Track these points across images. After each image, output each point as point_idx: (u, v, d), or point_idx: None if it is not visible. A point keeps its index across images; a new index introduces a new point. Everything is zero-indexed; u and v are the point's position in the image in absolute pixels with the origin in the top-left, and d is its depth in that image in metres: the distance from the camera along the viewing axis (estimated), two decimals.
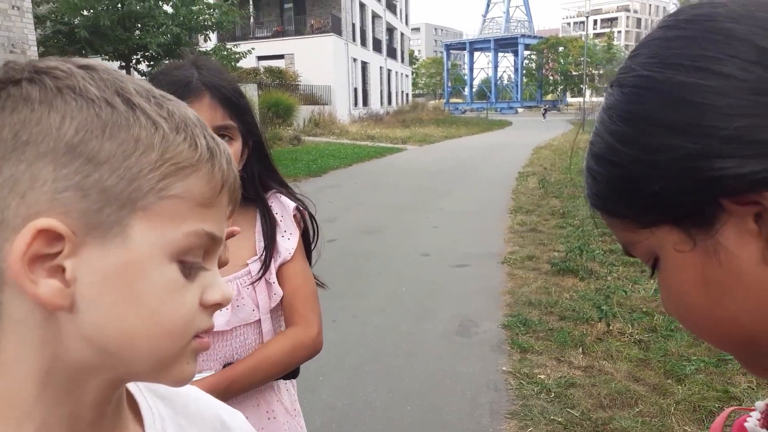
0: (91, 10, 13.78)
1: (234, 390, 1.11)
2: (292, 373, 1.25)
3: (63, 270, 0.41)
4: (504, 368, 3.51)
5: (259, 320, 1.19)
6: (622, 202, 0.46)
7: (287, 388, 1.29)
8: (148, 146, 0.42)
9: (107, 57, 14.72)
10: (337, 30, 29.62)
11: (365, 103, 35.07)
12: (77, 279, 0.41)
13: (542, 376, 3.36)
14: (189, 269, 0.45)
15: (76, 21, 13.73)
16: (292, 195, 1.27)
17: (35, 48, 9.65)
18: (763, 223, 0.39)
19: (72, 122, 0.41)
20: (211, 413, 0.61)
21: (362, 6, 34.17)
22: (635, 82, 0.44)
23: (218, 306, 0.47)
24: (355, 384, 3.36)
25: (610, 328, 3.92)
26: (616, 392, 3.12)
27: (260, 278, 1.17)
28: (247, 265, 1.18)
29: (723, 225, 0.40)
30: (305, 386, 3.32)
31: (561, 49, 67.24)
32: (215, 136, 0.47)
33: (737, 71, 0.39)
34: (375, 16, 37.18)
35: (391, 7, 41.28)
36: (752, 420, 0.48)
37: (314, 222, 1.29)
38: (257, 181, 1.22)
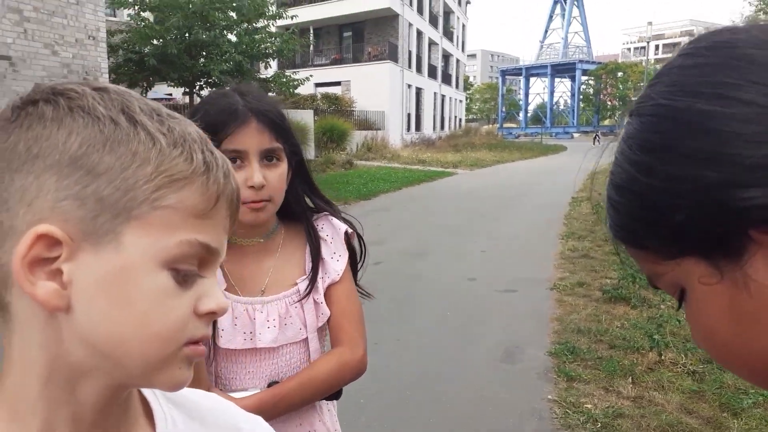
0: (161, 40, 14.50)
1: (281, 407, 1.13)
2: (335, 394, 1.25)
3: (61, 273, 0.44)
4: (549, 396, 3.42)
5: (306, 339, 1.21)
6: (644, 233, 0.45)
7: (329, 408, 1.30)
8: (145, 159, 0.45)
9: (173, 83, 15.41)
10: (393, 57, 30.07)
11: (418, 128, 35.29)
12: (73, 282, 0.44)
13: (589, 406, 3.26)
14: (183, 277, 0.47)
15: (146, 50, 14.46)
16: (339, 216, 1.30)
17: (107, 75, 10.24)
18: None
19: (77, 137, 0.44)
20: (227, 421, 0.62)
21: (419, 34, 34.61)
22: (654, 111, 0.43)
23: (213, 315, 0.49)
24: (396, 408, 3.35)
25: (662, 357, 3.78)
26: (667, 424, 2.99)
27: (307, 296, 1.20)
28: (296, 284, 1.21)
29: (752, 256, 0.39)
30: (346, 408, 3.32)
31: (620, 74, 65.94)
32: (215, 151, 0.50)
33: (760, 98, 0.38)
34: (432, 43, 37.57)
35: (448, 34, 41.63)
36: None
37: (362, 243, 1.32)
38: (302, 200, 1.26)
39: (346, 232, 1.27)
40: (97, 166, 0.44)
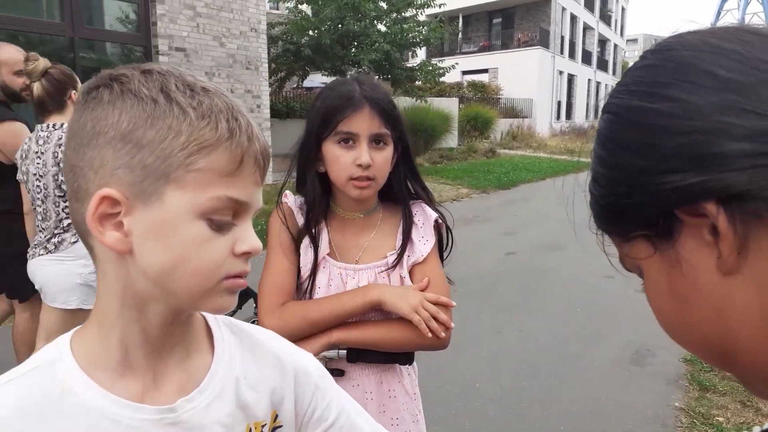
0: (316, 31, 15.30)
1: (354, 332, 1.27)
2: (407, 358, 1.35)
3: (122, 225, 0.57)
4: (676, 404, 3.22)
5: None
6: (606, 218, 0.50)
7: (409, 373, 1.40)
8: (178, 132, 0.56)
9: (326, 72, 16.21)
10: (544, 43, 29.02)
11: (568, 116, 33.79)
12: (132, 231, 0.57)
13: (720, 419, 3.03)
14: (218, 225, 0.59)
15: (303, 40, 15.34)
16: (433, 205, 1.41)
17: (266, 65, 11.04)
18: (717, 233, 0.41)
19: (126, 116, 0.56)
20: (272, 351, 0.75)
21: (573, 18, 33.00)
22: (608, 109, 0.49)
23: (248, 254, 0.61)
24: (510, 397, 3.35)
25: None
26: None
27: (393, 267, 1.33)
28: (386, 257, 1.34)
29: (680, 235, 0.44)
30: (460, 391, 3.40)
31: None
32: (241, 117, 0.60)
33: (684, 94, 0.43)
34: (587, 28, 35.66)
35: (605, 18, 39.21)
36: None
37: (450, 233, 1.42)
38: (403, 182, 1.38)
39: (436, 220, 1.38)
40: (142, 140, 0.56)
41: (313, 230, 1.33)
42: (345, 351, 1.29)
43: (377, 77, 16.04)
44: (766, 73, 0.41)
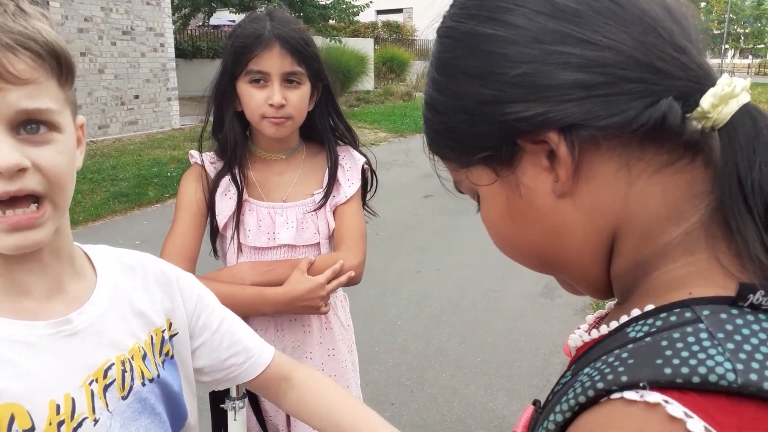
0: None
1: (269, 277, 1.27)
2: None
3: None
4: None
5: (319, 243, 1.35)
6: (443, 144, 0.50)
7: (343, 306, 1.45)
8: None
9: (233, 9, 15.39)
10: None
11: None
12: None
13: None
14: None
15: None
16: (357, 146, 1.42)
17: (169, 0, 10.33)
18: (554, 159, 0.43)
19: None
20: (155, 267, 0.80)
21: None
22: (445, 32, 0.48)
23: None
24: (431, 332, 3.49)
25: None
26: None
27: (320, 207, 1.34)
28: (313, 195, 1.35)
29: (520, 162, 0.45)
30: (382, 329, 3.50)
31: (703, 5, 61.19)
32: None
33: (524, 21, 0.43)
34: None
35: None
36: (575, 334, 0.51)
37: (375, 176, 1.44)
38: (326, 122, 1.37)
39: (363, 165, 1.39)
40: None
41: (235, 170, 1.30)
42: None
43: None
44: (600, 2, 0.42)
